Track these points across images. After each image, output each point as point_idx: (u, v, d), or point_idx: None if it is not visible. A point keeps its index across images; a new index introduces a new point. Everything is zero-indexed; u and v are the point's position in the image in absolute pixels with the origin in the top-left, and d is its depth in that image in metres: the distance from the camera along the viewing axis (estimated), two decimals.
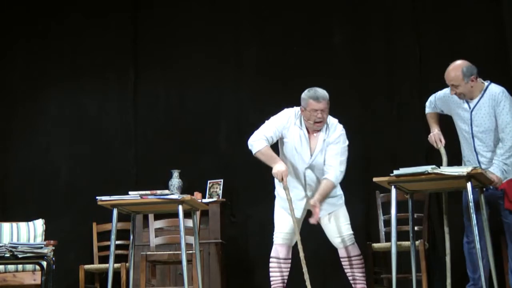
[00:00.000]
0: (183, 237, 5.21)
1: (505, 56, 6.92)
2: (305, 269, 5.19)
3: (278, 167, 5.22)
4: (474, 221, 4.57)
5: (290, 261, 5.39)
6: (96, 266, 7.25)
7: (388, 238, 5.97)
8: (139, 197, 5.20)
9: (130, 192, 5.26)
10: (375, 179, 4.99)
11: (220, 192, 7.38)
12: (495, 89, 5.24)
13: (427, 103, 5.63)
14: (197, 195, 6.01)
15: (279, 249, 5.38)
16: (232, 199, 7.47)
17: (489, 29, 7.08)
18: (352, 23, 7.54)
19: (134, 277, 5.59)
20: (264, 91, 7.65)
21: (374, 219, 5.75)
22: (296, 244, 5.31)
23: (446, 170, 4.64)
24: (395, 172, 4.82)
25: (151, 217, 6.17)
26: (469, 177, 4.59)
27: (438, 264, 6.72)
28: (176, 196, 5.23)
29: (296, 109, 5.43)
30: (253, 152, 5.37)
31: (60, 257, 6.09)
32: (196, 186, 7.21)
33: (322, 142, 5.28)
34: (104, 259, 7.21)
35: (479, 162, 5.19)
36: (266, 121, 5.49)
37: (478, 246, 4.57)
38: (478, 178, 4.72)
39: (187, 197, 5.25)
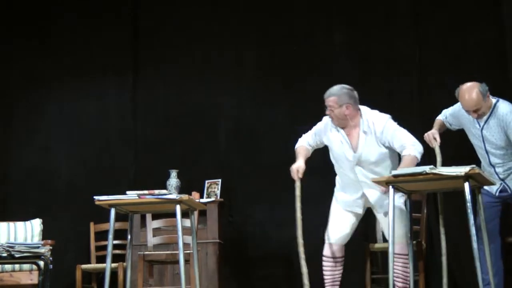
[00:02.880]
0: (181, 237, 5.19)
1: (504, 57, 6.91)
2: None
3: (295, 163, 5.31)
4: (471, 221, 4.56)
5: (341, 259, 5.33)
6: (93, 265, 7.24)
7: (385, 238, 5.94)
8: (137, 197, 5.18)
9: (128, 192, 5.24)
10: (373, 179, 4.98)
11: (218, 192, 7.37)
12: (503, 110, 5.18)
13: (442, 113, 5.59)
14: (195, 195, 6.00)
15: (332, 248, 5.30)
16: (230, 199, 7.46)
17: (489, 30, 7.08)
18: (353, 23, 7.53)
19: (131, 277, 5.57)
20: (263, 91, 7.65)
21: (372, 219, 5.73)
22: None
23: (444, 170, 4.62)
24: (393, 172, 4.81)
25: (148, 216, 6.16)
26: (467, 177, 4.57)
27: (436, 264, 6.71)
28: (174, 196, 5.22)
29: None
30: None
31: (57, 257, 6.08)
32: (194, 186, 7.20)
33: (364, 135, 5.21)
34: (101, 259, 7.19)
35: (496, 173, 5.26)
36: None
37: (475, 246, 4.55)
38: (476, 178, 4.70)
39: (185, 197, 5.23)
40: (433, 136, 5.33)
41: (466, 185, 4.58)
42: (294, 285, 7.24)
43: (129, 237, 5.50)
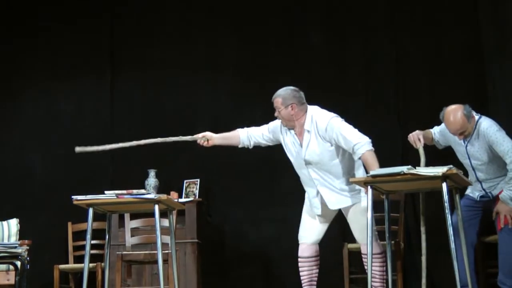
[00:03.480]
0: (159, 237, 5.18)
1: (480, 57, 6.97)
2: None
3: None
4: (449, 221, 4.60)
5: (315, 259, 5.32)
6: (71, 266, 7.19)
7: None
8: (115, 197, 5.16)
9: (106, 192, 5.22)
10: (351, 180, 4.99)
11: (197, 191, 7.36)
12: (483, 125, 5.23)
13: (433, 128, 5.62)
14: (174, 195, 6.01)
15: (305, 248, 5.33)
16: (208, 199, 7.46)
17: (465, 31, 7.14)
18: (329, 24, 7.57)
19: (109, 277, 5.54)
20: (241, 91, 7.66)
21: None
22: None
23: (421, 170, 4.65)
24: (371, 172, 4.82)
25: (127, 216, 6.13)
26: (445, 177, 4.60)
27: (414, 264, 6.76)
28: (152, 195, 5.20)
29: None
30: None
31: (34, 257, 6.04)
32: (172, 186, 7.20)
33: (308, 135, 5.20)
34: (79, 259, 7.15)
35: (483, 189, 5.33)
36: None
37: (452, 246, 4.59)
38: (454, 179, 4.74)
39: (163, 196, 5.22)
40: (417, 137, 5.34)
41: (444, 186, 4.62)
42: (271, 285, 7.26)
43: (107, 237, 5.47)
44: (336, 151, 5.17)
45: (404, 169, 4.64)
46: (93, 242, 6.53)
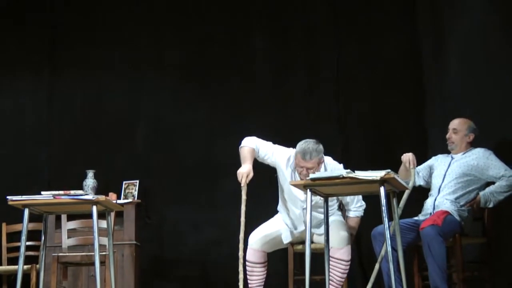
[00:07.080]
0: (97, 238, 5.11)
1: (418, 64, 7.10)
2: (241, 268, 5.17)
3: (242, 168, 5.13)
4: (386, 225, 4.65)
5: (265, 264, 5.33)
6: (4, 267, 7.04)
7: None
8: (52, 197, 5.06)
9: (42, 192, 5.13)
10: (291, 183, 5.01)
11: (136, 193, 7.31)
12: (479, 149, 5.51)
13: None
14: (112, 196, 5.95)
15: (253, 254, 5.30)
16: (147, 201, 7.41)
17: (404, 39, 7.26)
18: (274, 27, 7.61)
19: (44, 279, 5.43)
20: (183, 93, 7.65)
21: None
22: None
23: (360, 174, 4.69)
24: (311, 175, 4.85)
25: (64, 217, 6.05)
26: (383, 181, 4.65)
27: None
28: (90, 196, 5.13)
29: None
30: (240, 145, 5.27)
31: None
32: (111, 187, 7.14)
33: None
34: (13, 261, 7.00)
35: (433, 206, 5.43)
36: (271, 142, 5.36)
37: (389, 249, 4.64)
38: (391, 183, 4.80)
39: (101, 197, 5.15)
40: (413, 159, 5.39)
41: (382, 189, 4.66)
42: (210, 287, 7.26)
43: (43, 238, 5.37)
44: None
45: (343, 172, 4.68)
46: (28, 243, 6.43)
